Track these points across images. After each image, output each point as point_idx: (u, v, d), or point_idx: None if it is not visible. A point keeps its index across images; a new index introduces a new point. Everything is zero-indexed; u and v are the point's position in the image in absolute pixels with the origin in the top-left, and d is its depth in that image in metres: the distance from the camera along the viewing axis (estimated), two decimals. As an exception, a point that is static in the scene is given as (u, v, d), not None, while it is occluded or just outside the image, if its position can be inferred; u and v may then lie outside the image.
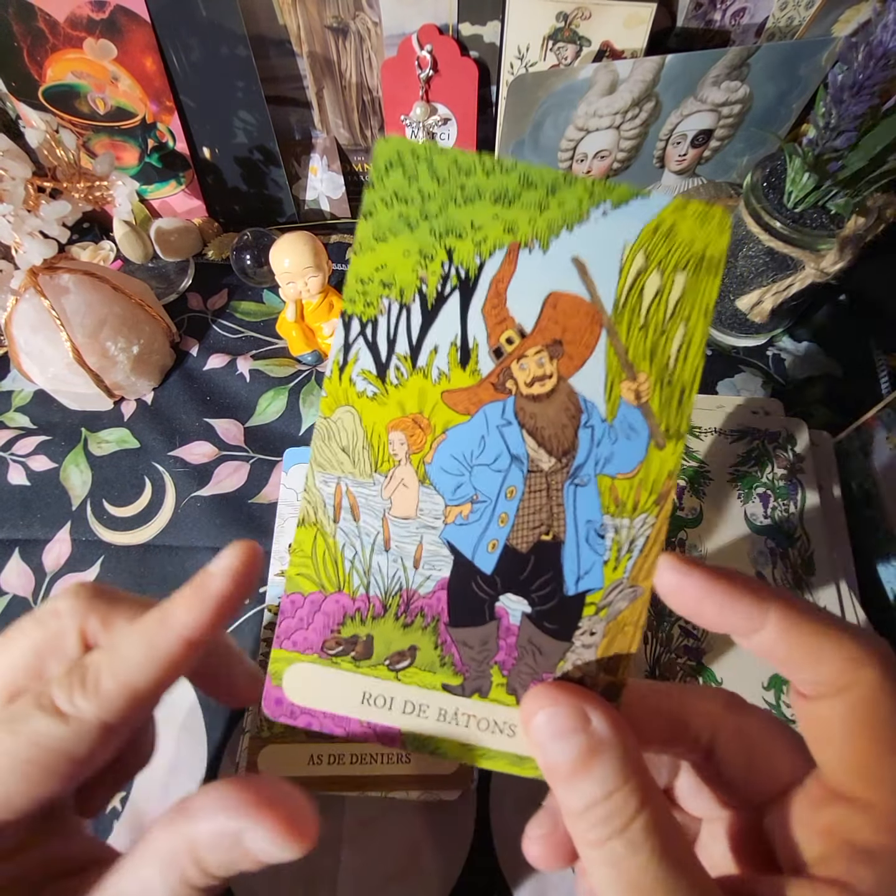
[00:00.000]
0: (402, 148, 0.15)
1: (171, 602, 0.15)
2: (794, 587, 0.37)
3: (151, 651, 0.14)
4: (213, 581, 0.15)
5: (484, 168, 0.15)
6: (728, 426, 0.42)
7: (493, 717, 0.16)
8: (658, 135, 0.48)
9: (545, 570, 0.16)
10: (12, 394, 0.48)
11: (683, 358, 0.15)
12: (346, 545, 0.16)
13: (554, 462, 0.15)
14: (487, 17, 0.44)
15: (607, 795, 0.13)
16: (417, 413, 0.15)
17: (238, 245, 0.50)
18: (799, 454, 0.41)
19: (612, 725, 0.13)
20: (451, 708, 0.16)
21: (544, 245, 0.15)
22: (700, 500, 0.39)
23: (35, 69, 0.45)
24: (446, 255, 0.15)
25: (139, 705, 0.14)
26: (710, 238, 0.15)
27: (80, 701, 0.14)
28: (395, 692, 0.16)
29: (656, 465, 0.15)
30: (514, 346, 0.15)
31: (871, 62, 0.32)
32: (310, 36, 0.46)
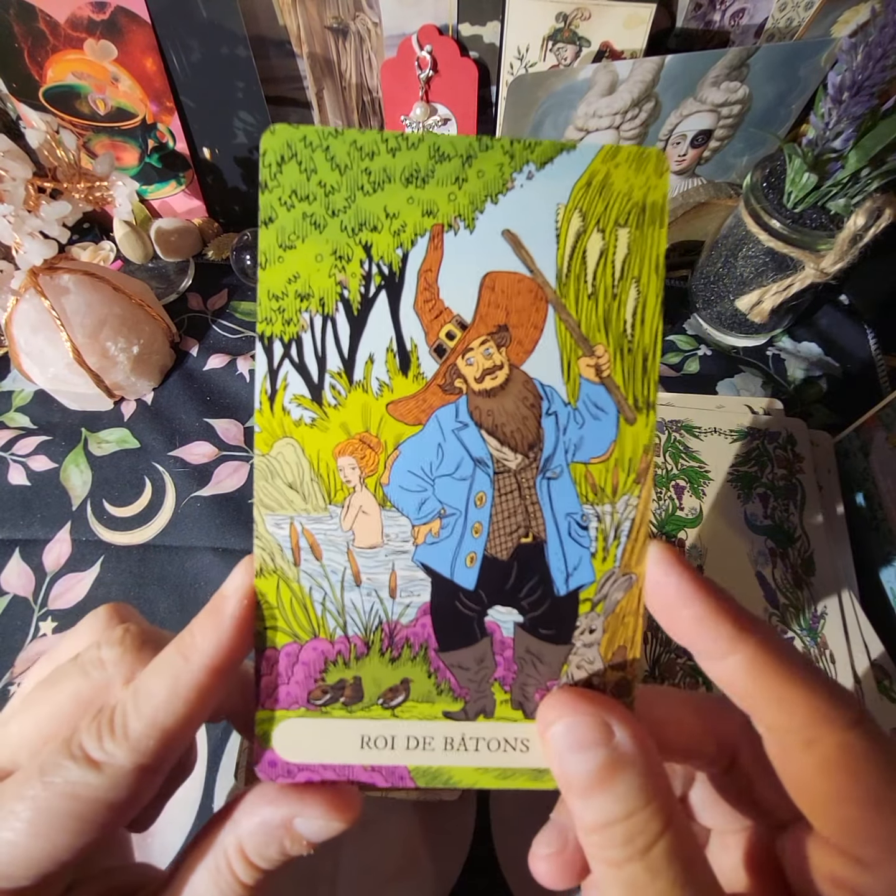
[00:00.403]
0: (293, 138, 0.13)
1: (188, 631, 0.14)
2: (794, 587, 0.37)
3: (175, 685, 0.13)
4: (227, 603, 0.14)
5: (388, 146, 0.13)
6: (728, 426, 0.42)
7: (503, 735, 0.15)
8: (658, 135, 0.48)
9: (531, 575, 0.15)
10: (13, 394, 0.48)
11: (640, 321, 0.14)
12: (314, 587, 0.14)
13: (521, 459, 0.14)
14: (487, 18, 0.44)
15: (628, 815, 0.12)
16: (364, 432, 0.14)
17: (238, 245, 0.51)
18: (799, 454, 0.41)
19: (636, 740, 0.13)
20: (458, 734, 0.15)
21: (469, 223, 0.14)
22: (700, 500, 0.40)
23: (36, 70, 0.45)
24: (364, 253, 0.14)
25: (172, 742, 0.13)
26: (648, 184, 0.14)
27: (111, 747, 0.13)
28: (395, 730, 0.15)
29: (630, 442, 0.14)
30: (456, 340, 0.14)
31: (870, 63, 0.32)
32: (310, 36, 0.46)
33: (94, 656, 0.15)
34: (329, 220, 0.14)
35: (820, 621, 0.36)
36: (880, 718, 0.33)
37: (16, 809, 0.13)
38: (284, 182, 0.13)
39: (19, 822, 0.13)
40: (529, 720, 0.15)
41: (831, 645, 0.35)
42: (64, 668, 0.15)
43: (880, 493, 0.38)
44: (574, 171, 0.14)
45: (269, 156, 0.13)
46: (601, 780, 0.12)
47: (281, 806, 0.14)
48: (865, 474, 0.39)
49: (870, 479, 0.39)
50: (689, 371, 0.49)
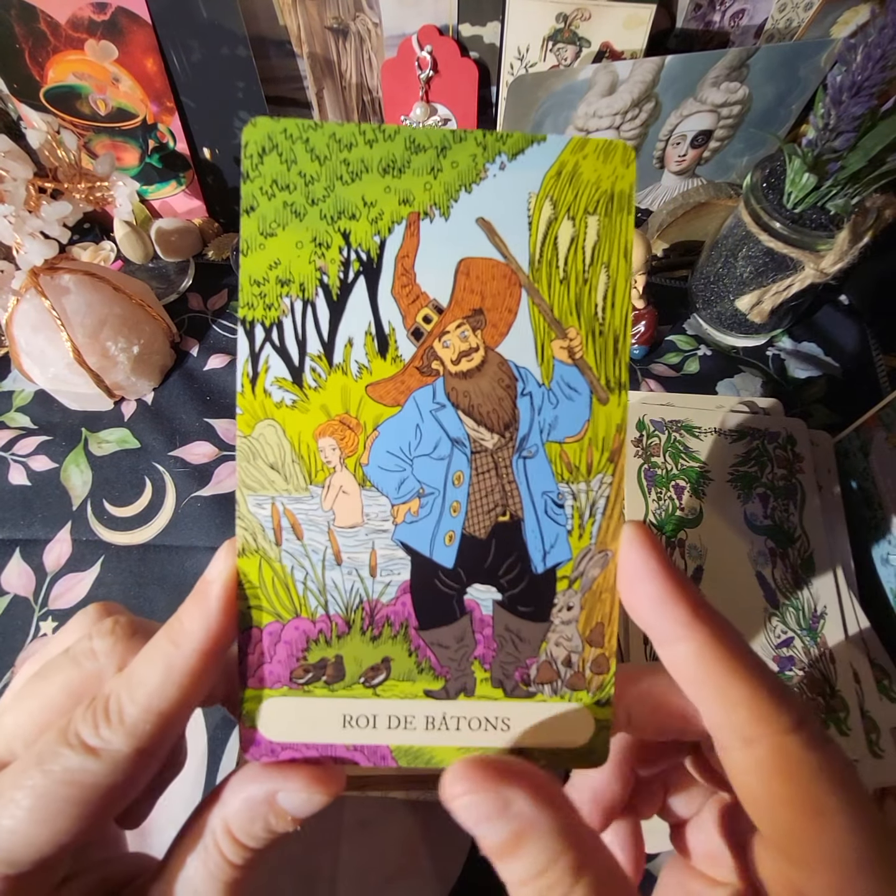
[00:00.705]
0: (273, 130, 0.14)
1: (176, 618, 0.14)
2: (793, 587, 0.37)
3: (168, 669, 0.14)
4: (212, 588, 0.14)
5: (366, 138, 0.14)
6: (728, 426, 0.42)
7: (484, 714, 0.15)
8: (658, 135, 0.48)
9: (509, 553, 0.15)
10: (13, 394, 0.48)
11: (611, 305, 0.14)
12: (295, 567, 0.15)
13: (497, 438, 0.15)
14: (487, 18, 0.44)
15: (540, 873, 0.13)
16: (344, 414, 0.14)
17: (238, 245, 0.51)
18: (799, 454, 0.41)
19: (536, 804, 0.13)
20: (439, 713, 0.15)
21: (444, 211, 0.14)
22: (700, 500, 0.40)
23: (37, 70, 0.45)
24: (342, 240, 0.14)
25: (167, 726, 0.14)
26: (615, 173, 0.14)
27: (107, 733, 0.13)
28: (377, 709, 0.15)
29: (603, 422, 0.15)
30: (433, 323, 0.14)
31: (870, 64, 0.32)
32: (310, 37, 0.46)
33: (85, 647, 0.15)
34: (309, 209, 0.14)
35: (820, 621, 0.36)
36: (880, 718, 0.33)
37: (15, 798, 0.13)
38: (266, 172, 0.14)
39: (20, 810, 0.13)
40: (510, 698, 0.15)
41: (831, 644, 0.35)
42: (55, 661, 0.16)
43: (880, 492, 0.38)
44: (545, 161, 0.14)
45: (250, 147, 0.14)
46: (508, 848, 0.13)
47: (263, 782, 0.14)
48: (865, 474, 0.39)
49: (869, 479, 0.39)
50: (689, 371, 0.49)
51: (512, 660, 0.15)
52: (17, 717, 0.15)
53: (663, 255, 0.55)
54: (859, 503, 0.40)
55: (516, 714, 0.15)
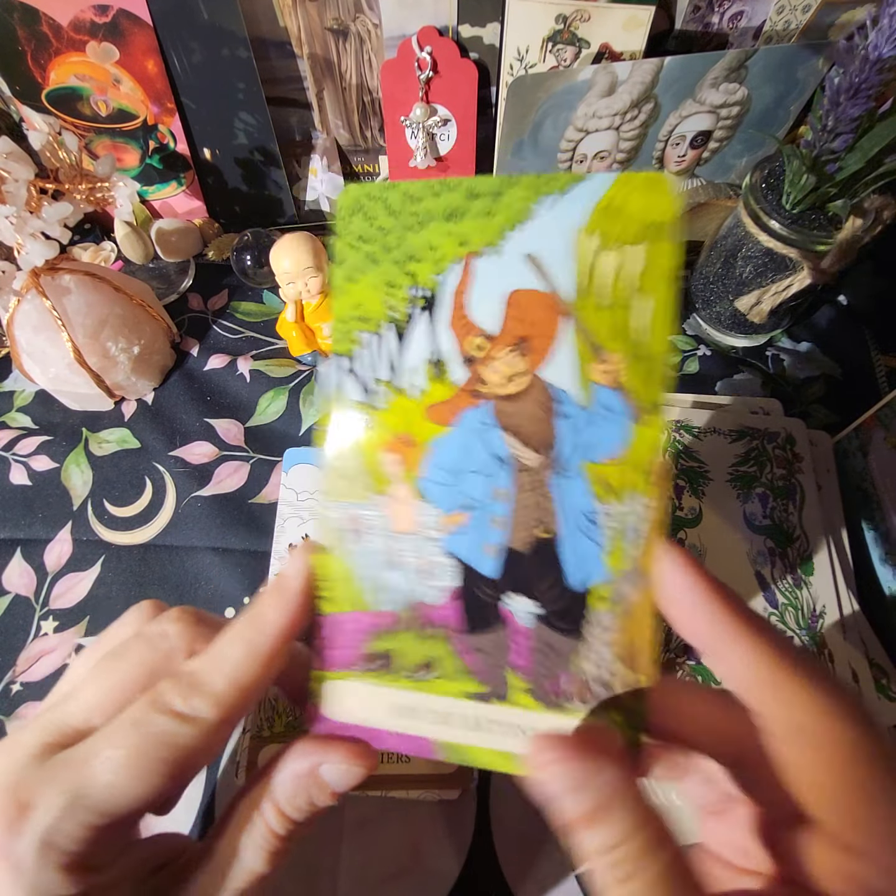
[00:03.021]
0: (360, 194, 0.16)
1: (257, 606, 0.16)
2: (793, 586, 0.37)
3: (251, 649, 0.15)
4: (290, 582, 0.16)
5: (433, 191, 0.16)
6: (727, 426, 0.42)
7: (517, 721, 0.15)
8: (657, 136, 0.48)
9: (548, 568, 0.16)
10: (14, 394, 0.49)
11: (652, 330, 0.15)
12: (357, 566, 0.16)
13: (540, 458, 0.16)
14: (487, 19, 0.45)
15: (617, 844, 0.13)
16: (405, 432, 0.16)
17: (238, 246, 0.51)
18: (798, 454, 0.41)
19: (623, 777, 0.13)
20: (475, 715, 0.16)
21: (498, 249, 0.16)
22: (699, 499, 0.40)
23: (38, 72, 0.46)
24: (410, 280, 0.16)
25: (249, 699, 0.16)
26: (658, 206, 0.15)
27: (198, 703, 0.15)
28: (421, 702, 0.16)
29: (640, 444, 0.15)
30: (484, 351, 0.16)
31: (867, 66, 0.32)
32: (310, 38, 0.46)
33: (157, 630, 0.17)
34: (384, 257, 0.16)
35: (819, 620, 0.36)
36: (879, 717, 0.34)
37: (113, 756, 0.15)
38: (353, 230, 0.16)
39: (119, 766, 0.14)
40: (542, 709, 0.16)
41: (830, 644, 0.35)
42: (128, 643, 0.17)
43: (879, 492, 0.38)
44: (592, 197, 0.15)
45: (342, 210, 0.16)
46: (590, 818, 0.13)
47: (309, 755, 0.16)
48: (864, 474, 0.39)
49: (868, 479, 0.39)
50: (688, 371, 0.50)
51: (545, 672, 0.16)
52: (96, 692, 0.16)
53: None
54: (858, 503, 0.40)
55: (547, 726, 0.15)
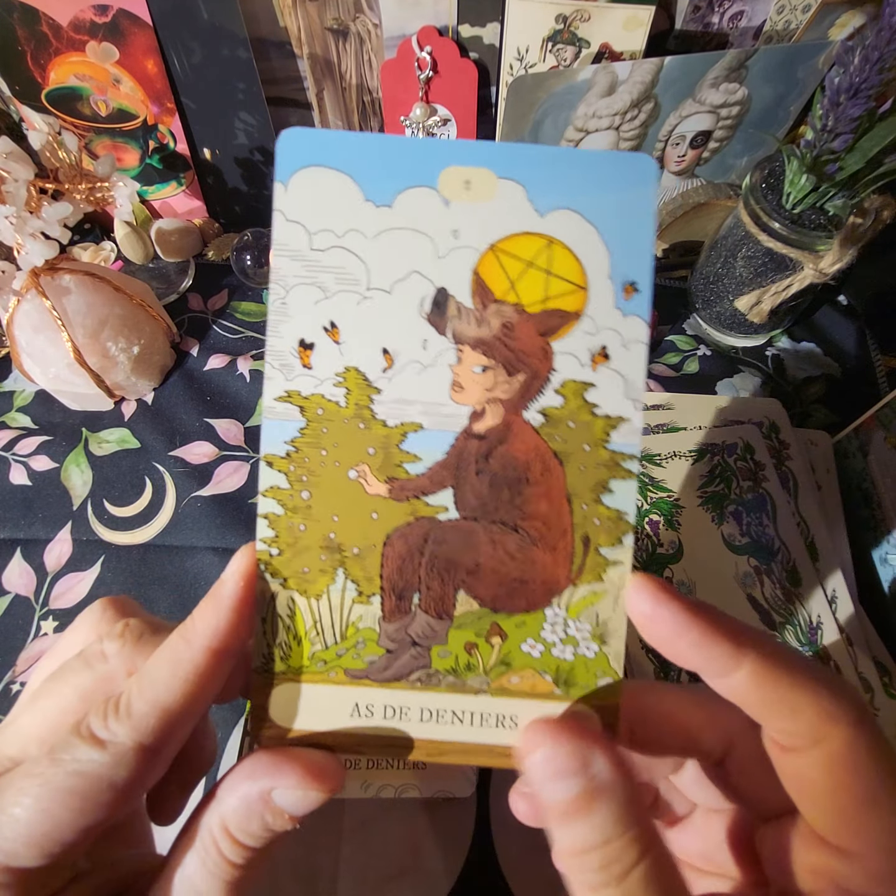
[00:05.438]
0: None
1: (190, 617, 0.15)
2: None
3: (176, 667, 0.14)
4: (224, 587, 0.15)
5: None
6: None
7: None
8: (657, 136, 0.48)
9: None
10: (14, 394, 0.49)
11: None
12: None
13: None
14: (487, 19, 0.45)
15: (605, 842, 0.12)
16: None
17: (238, 246, 0.51)
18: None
19: (615, 769, 0.13)
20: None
21: None
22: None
23: (38, 72, 0.45)
24: None
25: (173, 723, 0.14)
26: None
27: (115, 726, 0.14)
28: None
29: None
30: None
31: (867, 66, 0.32)
32: (310, 38, 0.46)
33: (96, 650, 0.16)
34: None
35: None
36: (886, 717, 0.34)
37: (24, 786, 0.13)
38: None
39: (27, 798, 0.13)
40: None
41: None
42: (68, 664, 0.16)
43: (879, 492, 0.38)
44: None
45: None
46: (578, 809, 0.12)
47: (258, 779, 0.14)
48: (864, 474, 0.39)
49: (868, 479, 0.39)
50: (688, 371, 0.50)
51: None
52: (33, 718, 0.15)
53: (663, 256, 0.55)
54: (858, 503, 0.40)
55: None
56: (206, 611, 0.15)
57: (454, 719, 0.15)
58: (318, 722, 0.15)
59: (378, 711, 0.15)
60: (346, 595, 0.15)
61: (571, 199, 0.14)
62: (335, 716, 0.15)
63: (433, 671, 0.15)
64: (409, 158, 0.14)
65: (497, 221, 0.15)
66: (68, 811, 0.13)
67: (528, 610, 0.15)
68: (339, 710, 0.15)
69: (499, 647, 0.15)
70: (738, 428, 0.41)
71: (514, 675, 0.15)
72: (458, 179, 0.14)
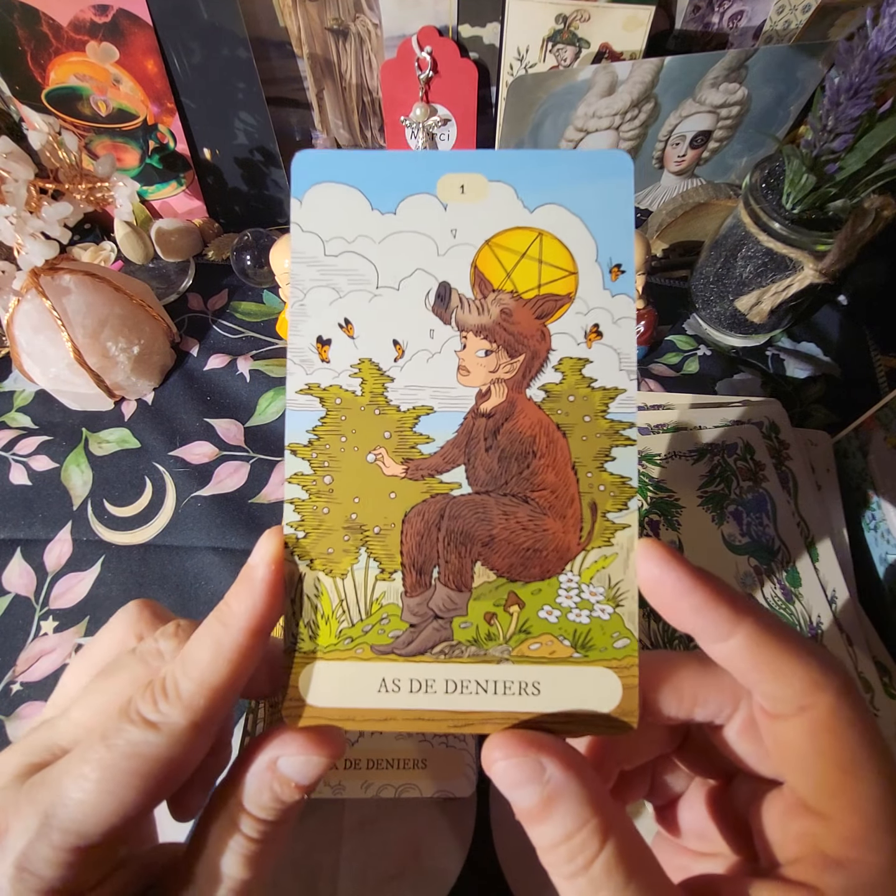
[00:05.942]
0: None
1: (224, 601, 0.15)
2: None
3: (218, 647, 0.15)
4: (255, 571, 0.15)
5: None
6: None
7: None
8: (657, 136, 0.48)
9: None
10: (14, 394, 0.49)
11: None
12: None
13: None
14: (487, 19, 0.45)
15: (568, 837, 0.14)
16: None
17: (238, 246, 0.51)
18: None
19: (567, 772, 0.14)
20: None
21: None
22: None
23: (38, 72, 0.46)
24: None
25: (220, 700, 0.15)
26: None
27: (166, 708, 0.14)
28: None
29: None
30: None
31: (867, 66, 0.32)
32: (310, 38, 0.46)
33: (152, 647, 0.17)
34: None
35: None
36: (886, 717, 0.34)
37: (84, 772, 0.14)
38: None
39: (88, 783, 0.14)
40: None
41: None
42: (122, 660, 0.17)
43: (879, 492, 0.38)
44: None
45: None
46: (540, 811, 0.14)
47: (266, 750, 0.15)
48: (864, 474, 0.39)
49: (868, 479, 0.39)
50: (688, 371, 0.50)
51: None
52: (86, 711, 0.16)
53: (663, 256, 0.55)
54: (858, 503, 0.40)
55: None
56: (240, 594, 0.15)
57: (478, 689, 0.16)
58: (348, 698, 0.16)
59: (404, 686, 0.16)
60: (369, 573, 0.16)
61: (556, 194, 0.16)
62: (363, 692, 0.16)
63: (455, 643, 0.16)
64: (409, 170, 0.16)
65: (491, 219, 0.16)
66: (132, 791, 0.14)
67: (542, 577, 0.16)
68: (367, 685, 0.16)
69: (517, 616, 0.16)
70: (738, 428, 0.41)
71: (533, 641, 0.16)
72: (453, 185, 0.16)
